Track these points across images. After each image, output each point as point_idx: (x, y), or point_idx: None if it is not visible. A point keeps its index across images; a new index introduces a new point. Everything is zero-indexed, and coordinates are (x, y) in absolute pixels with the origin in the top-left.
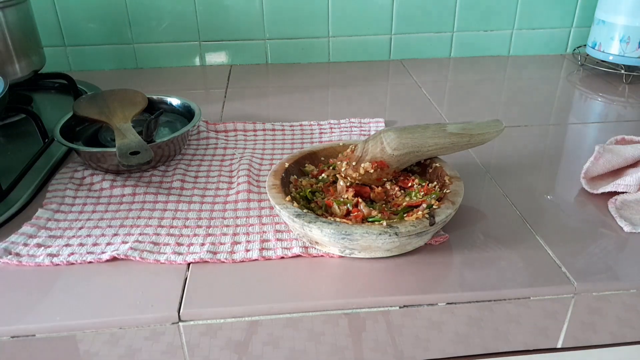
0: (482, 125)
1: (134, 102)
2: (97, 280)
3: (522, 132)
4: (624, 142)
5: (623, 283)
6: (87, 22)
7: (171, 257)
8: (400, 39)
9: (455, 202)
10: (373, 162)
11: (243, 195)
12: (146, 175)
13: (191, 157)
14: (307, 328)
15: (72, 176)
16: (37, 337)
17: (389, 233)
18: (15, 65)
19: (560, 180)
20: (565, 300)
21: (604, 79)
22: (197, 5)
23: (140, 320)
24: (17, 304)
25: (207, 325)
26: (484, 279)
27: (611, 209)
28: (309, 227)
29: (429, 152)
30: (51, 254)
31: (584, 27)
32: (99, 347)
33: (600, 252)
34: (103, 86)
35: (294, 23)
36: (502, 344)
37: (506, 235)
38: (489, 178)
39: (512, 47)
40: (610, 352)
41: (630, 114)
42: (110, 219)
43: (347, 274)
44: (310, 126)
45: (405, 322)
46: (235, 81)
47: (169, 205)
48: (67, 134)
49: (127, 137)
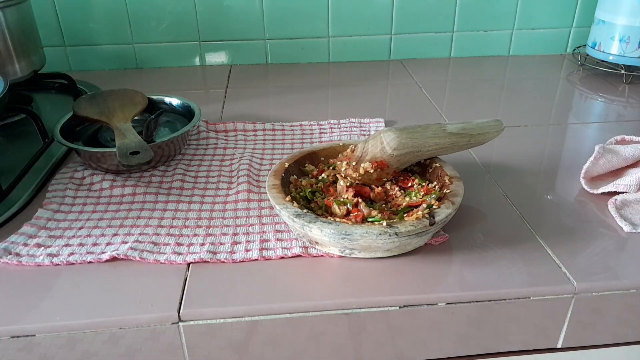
0: (482, 125)
1: (134, 102)
2: (97, 280)
3: (522, 132)
4: (624, 142)
5: (623, 283)
6: (87, 22)
7: (171, 257)
8: (400, 39)
9: (455, 202)
10: (373, 162)
11: (243, 195)
12: (146, 175)
13: (191, 157)
14: (307, 328)
15: (72, 176)
16: (37, 337)
17: (389, 233)
18: (15, 65)
19: (560, 180)
20: (565, 300)
21: (604, 79)
22: (197, 5)
23: (140, 320)
24: (17, 304)
25: (207, 325)
26: (484, 279)
27: (611, 209)
28: (309, 227)
29: (429, 152)
30: (51, 254)
31: (584, 27)
32: (98, 347)
33: (600, 252)
34: (103, 86)
35: (294, 23)
36: (502, 344)
37: (506, 235)
38: (489, 178)
39: (512, 47)
40: (610, 352)
41: (630, 114)
42: (110, 219)
43: (347, 274)
44: (310, 126)
45: (405, 322)
46: (235, 81)
47: (169, 205)
48: (67, 134)
49: (127, 137)
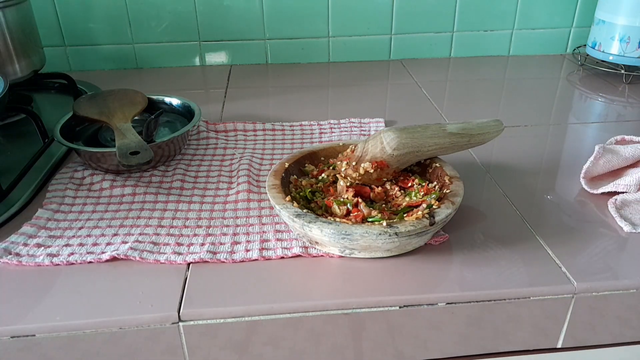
0: (482, 125)
1: (134, 102)
2: (97, 280)
3: (522, 132)
4: (624, 142)
5: (623, 283)
6: (87, 22)
7: (171, 257)
8: (400, 39)
9: (455, 202)
10: (373, 162)
11: (243, 195)
12: (146, 175)
13: (191, 157)
14: (307, 328)
15: (72, 176)
16: (37, 337)
17: (389, 233)
18: (15, 65)
19: (560, 180)
20: (565, 300)
21: (604, 79)
22: (197, 5)
23: (140, 320)
24: (17, 304)
25: (207, 325)
26: (484, 279)
27: (611, 209)
28: (309, 227)
29: (429, 152)
30: (51, 254)
31: (584, 27)
32: (99, 347)
33: (600, 252)
34: (103, 86)
35: (294, 23)
36: (502, 344)
37: (506, 235)
38: (489, 178)
39: (512, 47)
40: (610, 352)
41: (630, 114)
42: (110, 219)
43: (347, 274)
44: (310, 126)
45: (405, 322)
46: (235, 81)
47: (168, 205)
48: (67, 134)
49: (127, 137)
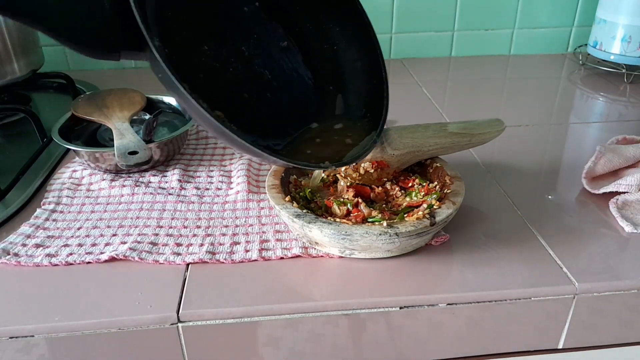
0: (483, 125)
1: (133, 102)
2: (96, 281)
3: (523, 131)
4: (625, 142)
5: (624, 283)
6: None
7: (170, 258)
8: (400, 38)
9: (456, 202)
10: (373, 162)
11: (242, 195)
12: (145, 175)
13: (190, 156)
14: (307, 329)
15: (71, 176)
16: (35, 337)
17: (389, 233)
18: (13, 65)
19: (561, 180)
20: (567, 300)
21: (605, 78)
22: None
23: (139, 321)
24: (16, 304)
25: (207, 326)
26: (485, 280)
27: (612, 209)
28: (309, 228)
29: (429, 151)
30: (50, 254)
31: (585, 26)
32: (97, 348)
33: (601, 253)
34: (102, 86)
35: None
36: (502, 345)
37: (507, 236)
38: (490, 178)
39: (513, 46)
40: (612, 353)
41: (632, 114)
42: (109, 219)
43: (347, 274)
44: None
45: (406, 323)
46: None
47: (167, 206)
48: (65, 134)
49: (126, 137)
